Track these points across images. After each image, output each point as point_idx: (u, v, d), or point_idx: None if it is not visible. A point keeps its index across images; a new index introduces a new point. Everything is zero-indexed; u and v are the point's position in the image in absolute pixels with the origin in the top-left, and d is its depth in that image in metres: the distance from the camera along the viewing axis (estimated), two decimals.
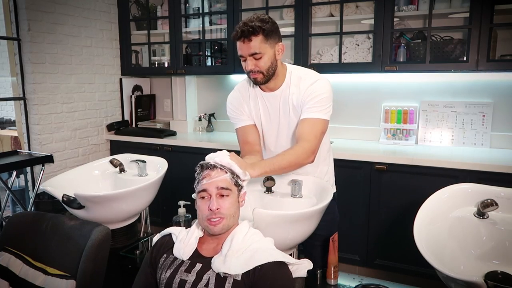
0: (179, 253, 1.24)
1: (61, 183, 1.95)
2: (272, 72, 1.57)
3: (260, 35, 1.49)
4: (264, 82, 1.58)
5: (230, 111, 1.76)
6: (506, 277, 1.30)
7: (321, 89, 1.57)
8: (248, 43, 1.49)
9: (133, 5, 3.47)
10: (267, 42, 1.51)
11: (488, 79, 2.59)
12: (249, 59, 1.52)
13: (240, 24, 1.51)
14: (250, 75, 1.57)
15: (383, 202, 2.48)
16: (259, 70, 1.53)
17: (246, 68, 1.56)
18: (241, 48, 1.52)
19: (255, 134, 1.71)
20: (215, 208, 1.20)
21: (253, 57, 1.51)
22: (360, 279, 1.58)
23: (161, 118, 3.77)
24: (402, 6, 2.56)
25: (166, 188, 2.25)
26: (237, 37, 1.51)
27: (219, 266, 1.15)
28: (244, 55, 1.53)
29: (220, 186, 1.22)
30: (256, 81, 1.58)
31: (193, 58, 3.36)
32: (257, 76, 1.55)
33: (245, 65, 1.56)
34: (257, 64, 1.52)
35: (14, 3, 2.71)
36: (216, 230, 1.21)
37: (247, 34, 1.48)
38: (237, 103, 1.73)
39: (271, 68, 1.55)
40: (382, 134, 2.86)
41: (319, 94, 1.56)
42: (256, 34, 1.48)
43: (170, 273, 1.20)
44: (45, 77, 2.88)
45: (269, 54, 1.53)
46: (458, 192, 1.51)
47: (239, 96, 1.73)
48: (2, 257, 1.53)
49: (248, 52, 1.51)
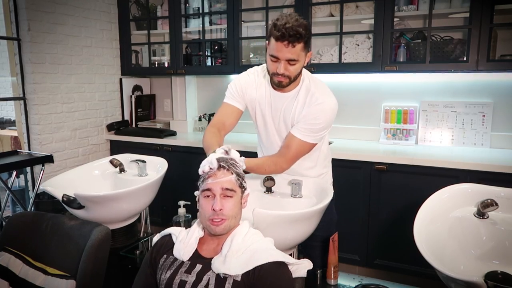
0: (179, 254, 1.23)
1: (61, 183, 1.95)
2: (297, 78, 1.55)
3: (302, 43, 1.44)
4: (286, 86, 1.55)
5: (233, 86, 1.69)
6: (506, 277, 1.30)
7: (323, 117, 1.56)
8: (291, 48, 1.43)
9: (133, 5, 3.47)
10: (304, 50, 1.48)
11: (488, 79, 2.59)
12: (284, 63, 1.47)
13: (282, 23, 1.42)
14: (274, 77, 1.52)
15: (383, 202, 2.48)
16: (288, 75, 1.50)
17: (275, 70, 1.50)
18: (280, 51, 1.45)
19: (235, 121, 1.70)
20: (219, 209, 1.19)
21: (289, 62, 1.47)
22: (360, 279, 1.58)
23: (161, 118, 3.77)
24: (402, 6, 2.56)
25: (166, 188, 2.25)
26: (280, 38, 1.42)
27: (219, 267, 1.15)
28: (281, 58, 1.46)
29: (225, 187, 1.22)
30: (280, 84, 1.53)
31: (193, 58, 3.36)
32: (283, 80, 1.51)
33: (275, 66, 1.49)
34: (288, 69, 1.48)
35: (14, 3, 2.71)
36: (218, 231, 1.21)
37: (293, 40, 1.42)
38: (245, 85, 1.68)
39: (298, 74, 1.54)
40: (382, 134, 2.86)
41: (319, 123, 1.55)
42: (300, 41, 1.43)
43: (170, 274, 1.20)
44: (45, 77, 2.88)
45: (302, 62, 1.50)
46: (458, 192, 1.51)
47: (250, 81, 1.68)
48: (2, 257, 1.53)
49: (287, 57, 1.45)
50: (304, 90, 1.59)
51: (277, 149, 1.68)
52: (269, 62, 1.52)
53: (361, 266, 2.61)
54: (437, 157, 2.37)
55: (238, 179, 1.26)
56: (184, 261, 1.22)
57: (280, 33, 1.42)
